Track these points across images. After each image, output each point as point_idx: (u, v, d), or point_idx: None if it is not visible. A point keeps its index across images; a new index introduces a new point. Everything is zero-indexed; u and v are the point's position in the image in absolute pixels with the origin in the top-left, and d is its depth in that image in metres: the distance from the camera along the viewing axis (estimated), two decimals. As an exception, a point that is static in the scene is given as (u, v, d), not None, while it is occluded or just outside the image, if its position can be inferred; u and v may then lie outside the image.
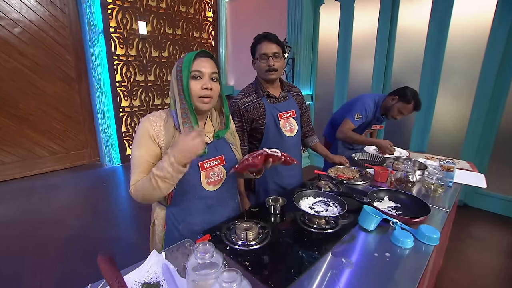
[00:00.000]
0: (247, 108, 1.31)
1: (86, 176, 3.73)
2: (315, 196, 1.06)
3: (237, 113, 1.33)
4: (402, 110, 1.79)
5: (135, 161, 0.90)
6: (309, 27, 3.53)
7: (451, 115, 2.78)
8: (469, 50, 2.58)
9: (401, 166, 1.27)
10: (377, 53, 3.10)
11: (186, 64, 0.88)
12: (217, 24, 4.79)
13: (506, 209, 2.59)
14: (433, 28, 2.73)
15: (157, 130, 0.91)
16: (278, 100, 1.37)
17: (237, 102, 1.33)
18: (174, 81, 0.91)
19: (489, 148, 2.61)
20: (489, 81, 2.50)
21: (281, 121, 1.36)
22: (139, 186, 0.86)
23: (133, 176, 0.89)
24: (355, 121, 1.85)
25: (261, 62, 1.27)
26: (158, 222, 1.01)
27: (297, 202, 0.99)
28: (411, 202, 1.07)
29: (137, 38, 3.98)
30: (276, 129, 1.36)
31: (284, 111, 1.37)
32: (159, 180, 0.80)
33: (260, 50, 1.26)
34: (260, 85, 1.35)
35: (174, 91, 0.92)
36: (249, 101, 1.33)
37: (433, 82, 2.79)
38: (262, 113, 1.32)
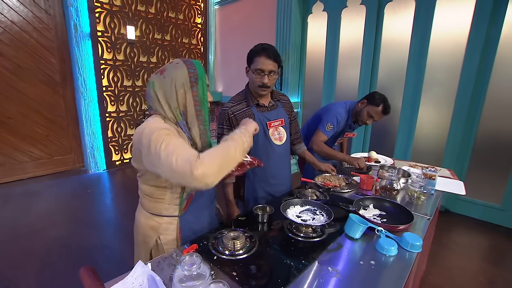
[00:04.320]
0: (237, 116, 1.32)
1: (70, 182, 3.61)
2: (302, 204, 1.07)
3: (227, 121, 1.33)
4: (372, 114, 1.76)
5: (177, 144, 0.78)
6: (297, 36, 3.60)
7: (433, 124, 2.89)
8: (449, 61, 2.70)
9: (386, 174, 1.30)
10: (363, 62, 3.20)
11: (202, 75, 0.88)
12: (206, 31, 4.81)
13: (485, 214, 2.69)
14: (415, 40, 2.84)
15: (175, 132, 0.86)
16: (267, 108, 1.38)
17: (226, 110, 1.33)
18: (183, 91, 0.86)
19: (468, 156, 2.72)
20: (467, 92, 2.62)
21: (270, 129, 1.37)
22: (213, 155, 0.76)
23: (184, 153, 0.75)
24: (327, 132, 1.80)
25: (255, 76, 1.26)
26: (168, 233, 0.96)
27: (284, 210, 1.00)
28: (395, 210, 1.10)
29: (125, 42, 3.94)
30: (265, 137, 1.36)
31: (273, 120, 1.38)
32: (239, 147, 0.81)
33: (257, 65, 1.23)
34: (250, 94, 1.36)
35: (180, 102, 0.87)
36: (238, 110, 1.33)
37: (416, 91, 2.90)
38: None
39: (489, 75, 2.51)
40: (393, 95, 3.06)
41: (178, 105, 0.87)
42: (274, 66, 1.26)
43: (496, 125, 2.55)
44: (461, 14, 2.57)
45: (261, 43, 1.27)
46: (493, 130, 2.58)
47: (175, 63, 0.89)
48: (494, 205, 2.65)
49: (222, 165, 0.77)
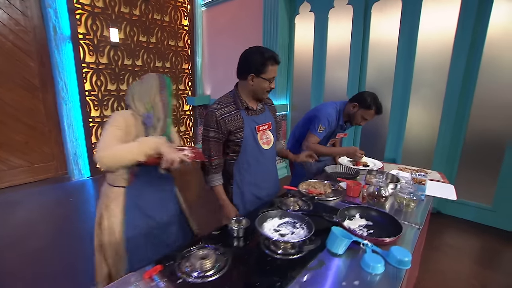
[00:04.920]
0: (225, 119, 1.28)
1: (52, 190, 3.46)
2: (281, 216, 0.98)
3: (214, 124, 1.28)
4: (365, 116, 1.76)
5: (109, 135, 1.07)
6: (284, 37, 3.53)
7: (423, 125, 2.85)
8: (436, 62, 2.67)
9: (373, 180, 1.23)
10: (351, 63, 3.15)
11: (169, 86, 1.23)
12: (193, 33, 4.71)
13: (476, 215, 2.65)
14: (402, 40, 2.80)
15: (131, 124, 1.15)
16: (256, 112, 1.36)
17: (214, 112, 1.28)
18: (158, 94, 1.19)
19: (457, 156, 2.68)
20: (455, 92, 2.58)
21: (258, 133, 1.34)
22: (117, 149, 1.03)
23: (104, 143, 1.04)
24: (319, 134, 1.78)
25: (265, 82, 1.26)
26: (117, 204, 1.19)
27: (260, 224, 0.91)
28: (383, 219, 1.02)
29: (108, 45, 3.82)
30: (254, 142, 1.34)
31: (262, 124, 1.36)
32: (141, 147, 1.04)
33: (271, 74, 1.25)
34: (240, 97, 1.32)
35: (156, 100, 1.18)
36: (227, 112, 1.29)
37: (405, 92, 2.86)
38: (241, 125, 1.30)
39: (476, 75, 2.49)
40: (382, 96, 2.99)
41: (149, 102, 1.18)
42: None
43: (484, 125, 2.52)
44: (447, 14, 2.55)
45: (262, 48, 1.27)
46: (481, 130, 2.55)
47: (152, 75, 1.23)
48: (485, 206, 2.61)
49: (113, 157, 1.02)
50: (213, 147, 1.30)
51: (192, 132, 5.17)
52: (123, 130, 1.10)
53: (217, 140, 1.30)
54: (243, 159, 1.33)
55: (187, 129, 5.10)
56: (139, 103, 1.18)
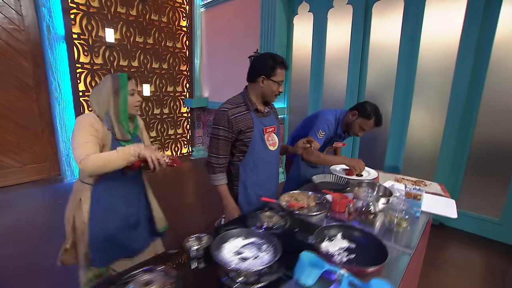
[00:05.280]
0: (236, 119, 1.33)
1: (42, 192, 3.38)
2: (246, 236, 0.85)
3: (225, 123, 1.32)
4: (363, 126, 1.68)
5: (80, 140, 1.11)
6: (282, 37, 3.42)
7: (426, 130, 2.69)
8: (440, 64, 2.52)
9: (361, 194, 1.09)
10: (351, 65, 3.01)
11: (124, 85, 1.21)
12: (192, 34, 4.63)
13: (482, 229, 2.47)
14: (404, 42, 2.66)
15: (99, 129, 1.17)
16: (263, 114, 1.42)
17: (226, 111, 1.33)
18: (112, 97, 1.19)
19: (463, 164, 2.51)
20: (460, 96, 2.42)
21: (265, 135, 1.41)
22: (99, 156, 1.08)
23: (83, 150, 1.09)
24: (319, 139, 1.71)
25: (276, 86, 1.34)
26: (85, 201, 1.22)
27: (220, 245, 0.78)
28: (368, 241, 0.89)
29: (103, 45, 3.76)
30: (262, 142, 1.40)
31: (269, 126, 1.43)
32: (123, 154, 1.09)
33: (280, 77, 1.33)
34: (250, 98, 1.38)
35: (110, 103, 1.19)
36: (238, 113, 1.34)
37: (407, 96, 2.70)
38: (250, 125, 1.35)
39: (483, 78, 2.32)
40: (383, 100, 2.87)
41: (104, 105, 1.20)
42: None
43: (492, 131, 2.35)
44: (452, 13, 2.40)
45: (273, 54, 1.36)
46: (489, 137, 2.38)
47: (107, 76, 1.22)
48: (492, 219, 2.43)
49: (100, 166, 1.08)
50: (222, 146, 1.34)
51: (190, 135, 5.07)
52: (94, 135, 1.14)
53: (226, 139, 1.34)
54: (250, 159, 1.38)
55: (185, 132, 5.00)
56: (96, 107, 1.20)
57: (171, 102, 4.71)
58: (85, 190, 1.21)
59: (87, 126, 1.13)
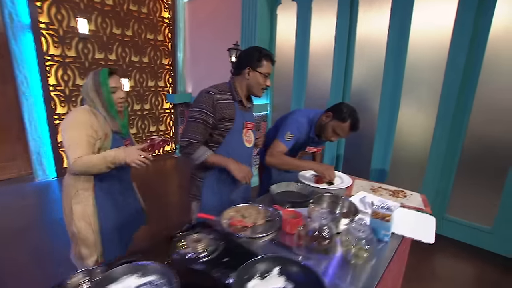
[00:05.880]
0: (221, 105, 1.27)
1: (11, 191, 3.18)
2: (143, 274, 0.64)
3: (209, 106, 1.24)
4: (337, 130, 1.48)
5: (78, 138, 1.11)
6: (264, 30, 3.19)
7: (415, 130, 2.49)
8: (431, 59, 2.32)
9: (315, 212, 0.88)
10: (336, 60, 2.80)
11: (104, 83, 1.17)
12: (174, 26, 4.39)
13: (473, 238, 2.29)
14: (393, 35, 2.45)
15: (97, 126, 1.16)
16: (246, 109, 1.37)
17: (212, 95, 1.25)
18: (95, 95, 1.17)
19: (454, 167, 2.32)
20: (452, 93, 2.22)
21: (244, 130, 1.35)
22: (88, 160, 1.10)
23: (78, 150, 1.10)
24: (286, 142, 1.51)
25: (263, 79, 1.30)
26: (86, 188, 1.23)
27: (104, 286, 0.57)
28: (308, 280, 0.68)
29: (76, 37, 3.52)
30: (240, 136, 1.34)
31: (248, 121, 1.38)
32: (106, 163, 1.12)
33: (267, 69, 1.30)
34: (236, 89, 1.32)
35: (96, 101, 1.18)
36: (224, 99, 1.28)
37: (395, 93, 2.50)
38: (233, 116, 1.30)
39: (477, 74, 2.12)
40: (371, 97, 2.66)
41: (91, 100, 1.18)
42: None
43: (486, 131, 2.16)
44: (444, 5, 2.19)
45: (260, 47, 1.32)
46: (483, 137, 2.18)
47: (89, 74, 1.21)
48: (483, 227, 2.24)
49: (87, 168, 1.12)
50: (201, 131, 1.25)
51: (173, 132, 4.85)
52: (91, 136, 1.13)
53: (207, 124, 1.26)
54: (224, 151, 1.31)
55: (167, 128, 4.78)
56: (88, 99, 1.20)
57: (153, 98, 4.48)
58: (83, 182, 1.21)
59: (86, 126, 1.12)
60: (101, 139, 1.17)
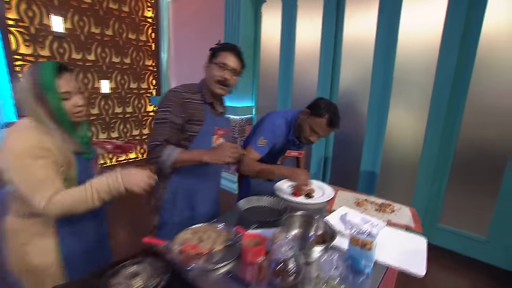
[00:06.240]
0: (190, 105, 1.13)
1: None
2: None
3: (176, 105, 1.10)
4: (315, 127, 1.33)
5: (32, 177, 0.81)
6: (248, 27, 3.04)
7: (406, 133, 2.36)
8: (421, 58, 2.20)
9: (280, 239, 0.72)
10: (322, 61, 2.66)
11: (50, 87, 0.83)
12: (158, 26, 4.22)
13: (466, 247, 2.16)
14: (381, 36, 2.33)
15: (54, 148, 0.86)
16: (217, 113, 1.26)
17: (180, 92, 1.13)
18: (35, 104, 0.83)
19: (446, 172, 2.19)
20: (443, 94, 2.11)
21: (214, 136, 1.22)
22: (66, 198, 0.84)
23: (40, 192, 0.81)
24: (259, 148, 1.38)
25: (217, 69, 1.13)
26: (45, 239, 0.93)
27: None
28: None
29: (50, 35, 3.32)
30: (209, 142, 1.20)
31: (220, 127, 1.25)
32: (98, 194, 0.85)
33: (222, 58, 1.14)
34: (206, 91, 1.20)
35: (37, 111, 0.84)
36: (193, 99, 1.15)
37: (384, 95, 2.37)
38: (201, 118, 1.16)
39: (469, 75, 2.01)
40: (359, 100, 2.54)
41: (32, 113, 0.85)
42: (238, 66, 1.18)
43: (480, 133, 2.04)
44: (433, 3, 2.08)
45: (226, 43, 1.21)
46: (476, 140, 2.06)
47: (25, 72, 0.86)
48: (477, 237, 2.12)
49: (70, 208, 0.84)
50: (167, 131, 1.09)
51: (158, 136, 4.66)
52: (46, 157, 0.83)
53: (174, 124, 1.10)
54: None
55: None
56: (28, 110, 0.85)
57: (135, 100, 4.28)
58: (39, 226, 0.90)
59: (31, 153, 0.80)
60: (63, 167, 0.87)
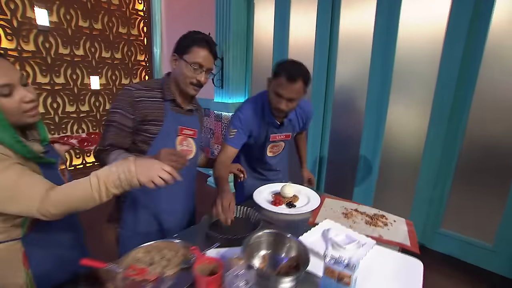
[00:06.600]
0: (143, 103, 1.00)
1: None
2: None
3: (126, 104, 0.98)
4: (277, 89, 1.14)
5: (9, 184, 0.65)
6: (240, 20, 2.88)
7: (407, 130, 2.20)
8: (424, 52, 2.02)
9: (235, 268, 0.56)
10: (317, 55, 2.49)
11: None
12: (150, 19, 4.06)
13: (472, 255, 2.00)
14: (380, 26, 2.15)
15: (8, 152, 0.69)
16: (183, 111, 1.11)
17: (131, 90, 1.00)
18: None
19: (450, 173, 2.03)
20: (448, 89, 1.93)
21: (178, 137, 1.09)
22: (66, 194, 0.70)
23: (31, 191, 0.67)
24: (230, 140, 1.26)
25: (189, 70, 1.01)
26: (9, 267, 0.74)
27: None
28: None
29: (34, 29, 3.18)
30: (171, 145, 1.07)
31: (186, 127, 1.11)
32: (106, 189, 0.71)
33: (196, 57, 1.01)
34: (168, 86, 1.07)
35: None
36: (148, 97, 1.02)
37: (383, 89, 2.20)
38: (160, 118, 1.04)
39: (477, 67, 1.83)
40: (358, 95, 2.37)
41: None
42: (212, 62, 1.08)
43: (487, 131, 1.87)
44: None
45: (198, 31, 1.07)
46: (483, 137, 1.89)
47: None
48: (483, 244, 1.95)
49: (71, 204, 0.71)
50: (113, 135, 0.98)
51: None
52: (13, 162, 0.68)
53: (122, 127, 0.98)
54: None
55: (145, 130, 4.47)
56: None
57: (127, 97, 4.15)
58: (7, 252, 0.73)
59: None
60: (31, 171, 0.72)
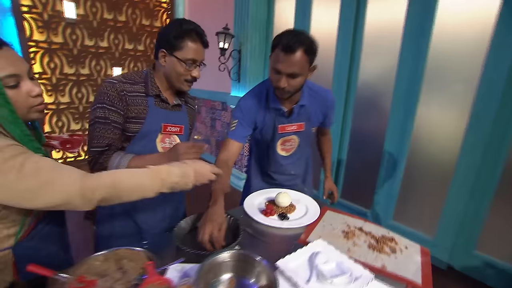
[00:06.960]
0: (128, 99, 0.93)
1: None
2: None
3: (114, 99, 0.90)
4: (274, 65, 1.02)
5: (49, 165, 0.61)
6: (260, 10, 2.72)
7: (438, 135, 1.92)
8: (464, 47, 1.72)
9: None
10: (339, 49, 2.27)
11: None
12: (173, 11, 4.05)
13: (508, 283, 1.70)
14: (412, 19, 1.87)
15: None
16: (168, 107, 1.03)
17: (114, 83, 0.91)
18: None
19: (491, 188, 1.73)
20: (494, 92, 1.63)
21: (161, 134, 1.02)
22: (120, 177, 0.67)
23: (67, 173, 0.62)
24: (232, 133, 1.16)
25: (183, 66, 0.94)
26: None
27: None
28: None
29: (62, 22, 3.30)
30: (151, 143, 0.99)
31: (172, 124, 1.03)
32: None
33: (190, 53, 0.93)
34: (152, 80, 0.99)
35: None
36: (131, 91, 0.94)
37: (412, 89, 1.93)
38: (142, 115, 0.96)
39: (532, 63, 1.51)
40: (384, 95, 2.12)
41: None
42: (204, 53, 1.01)
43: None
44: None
45: (183, 20, 0.95)
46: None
47: None
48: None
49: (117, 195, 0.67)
50: (106, 133, 0.90)
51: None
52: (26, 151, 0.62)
53: (113, 123, 0.91)
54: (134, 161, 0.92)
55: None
56: None
57: (149, 89, 4.21)
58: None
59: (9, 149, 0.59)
60: None
